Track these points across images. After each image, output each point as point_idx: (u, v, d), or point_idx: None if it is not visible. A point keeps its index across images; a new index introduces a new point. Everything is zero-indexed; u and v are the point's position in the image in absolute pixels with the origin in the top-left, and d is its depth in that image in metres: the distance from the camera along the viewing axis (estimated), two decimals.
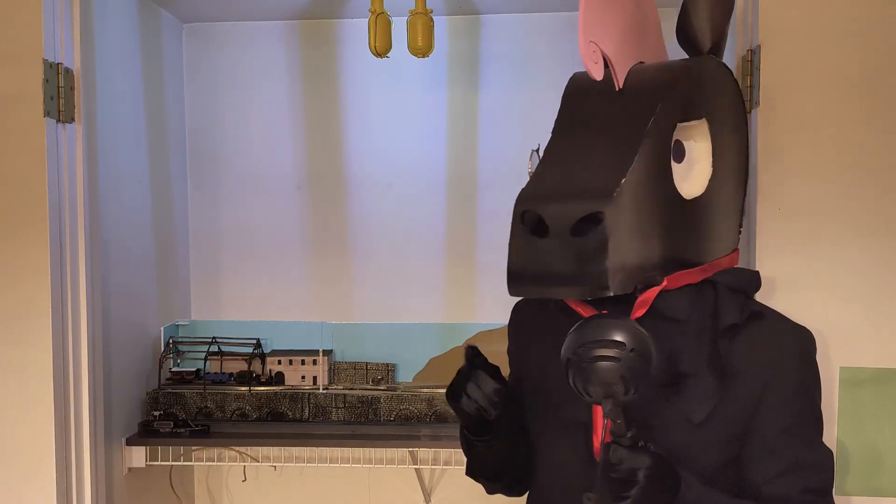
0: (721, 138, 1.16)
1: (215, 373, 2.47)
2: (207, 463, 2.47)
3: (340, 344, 2.56)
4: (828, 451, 1.15)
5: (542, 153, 1.13)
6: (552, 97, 1.19)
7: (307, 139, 2.64)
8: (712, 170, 1.14)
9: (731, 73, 1.22)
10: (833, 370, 1.50)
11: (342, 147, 2.63)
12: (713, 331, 1.11)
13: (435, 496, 2.62)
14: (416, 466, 2.42)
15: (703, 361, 1.10)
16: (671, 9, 1.22)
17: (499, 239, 1.15)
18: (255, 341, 2.48)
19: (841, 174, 1.50)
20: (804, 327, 1.16)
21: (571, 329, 1.03)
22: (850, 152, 1.50)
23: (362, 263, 2.64)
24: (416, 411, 2.33)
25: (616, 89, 1.11)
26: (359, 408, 2.35)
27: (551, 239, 1.01)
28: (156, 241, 2.45)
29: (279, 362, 2.47)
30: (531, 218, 1.04)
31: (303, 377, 2.45)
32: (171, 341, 2.48)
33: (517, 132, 2.49)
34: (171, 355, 2.47)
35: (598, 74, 1.08)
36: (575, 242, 1.00)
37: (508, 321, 1.36)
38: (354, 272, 2.64)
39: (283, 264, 2.65)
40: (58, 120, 1.70)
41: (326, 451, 2.30)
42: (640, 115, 1.06)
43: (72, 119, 1.74)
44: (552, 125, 1.15)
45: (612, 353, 0.99)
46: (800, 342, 1.14)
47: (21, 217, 1.67)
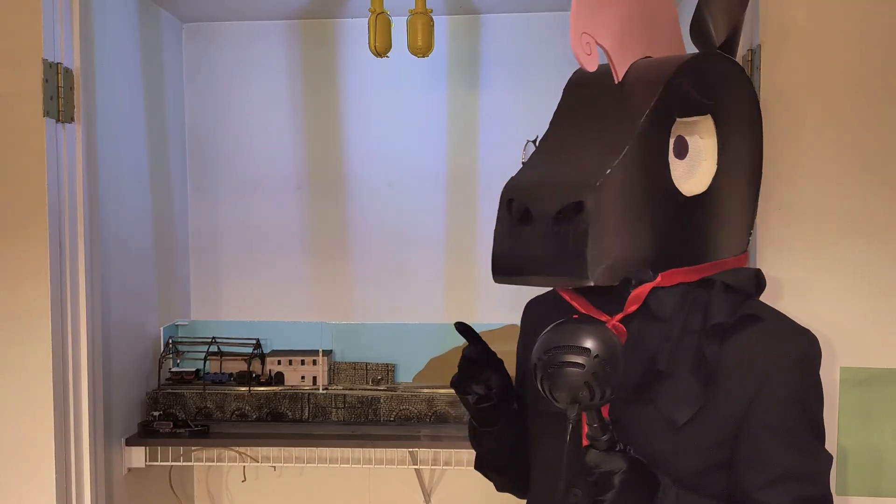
0: (728, 135, 1.12)
1: (215, 373, 2.47)
2: (207, 463, 2.47)
3: (340, 344, 2.56)
4: (826, 459, 1.10)
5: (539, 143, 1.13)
6: (552, 97, 1.18)
7: (307, 139, 2.64)
8: (717, 167, 1.11)
9: (743, 70, 1.19)
10: (834, 370, 1.50)
11: (342, 147, 2.62)
12: (702, 331, 1.07)
13: (435, 496, 2.62)
14: (416, 467, 2.42)
15: (688, 363, 1.07)
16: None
17: None
18: (255, 341, 2.48)
19: (841, 174, 1.50)
20: (808, 331, 1.11)
21: (543, 332, 1.03)
22: (851, 152, 1.50)
23: (362, 263, 2.64)
24: (416, 411, 2.33)
25: (615, 82, 1.10)
26: (359, 408, 2.35)
27: (535, 227, 1.02)
28: (156, 241, 2.45)
29: (279, 362, 2.47)
30: (518, 207, 1.04)
31: (302, 377, 2.45)
32: (171, 341, 2.48)
33: (517, 132, 2.43)
34: (171, 355, 2.47)
35: (591, 66, 1.06)
36: (557, 231, 1.00)
37: (520, 320, 1.36)
38: (354, 272, 2.64)
39: (283, 264, 2.64)
40: (57, 120, 1.70)
41: (326, 452, 2.29)
42: (636, 108, 1.05)
43: (71, 119, 1.73)
44: None
45: (578, 360, 0.98)
46: (799, 346, 1.09)
47: (20, 217, 1.67)
